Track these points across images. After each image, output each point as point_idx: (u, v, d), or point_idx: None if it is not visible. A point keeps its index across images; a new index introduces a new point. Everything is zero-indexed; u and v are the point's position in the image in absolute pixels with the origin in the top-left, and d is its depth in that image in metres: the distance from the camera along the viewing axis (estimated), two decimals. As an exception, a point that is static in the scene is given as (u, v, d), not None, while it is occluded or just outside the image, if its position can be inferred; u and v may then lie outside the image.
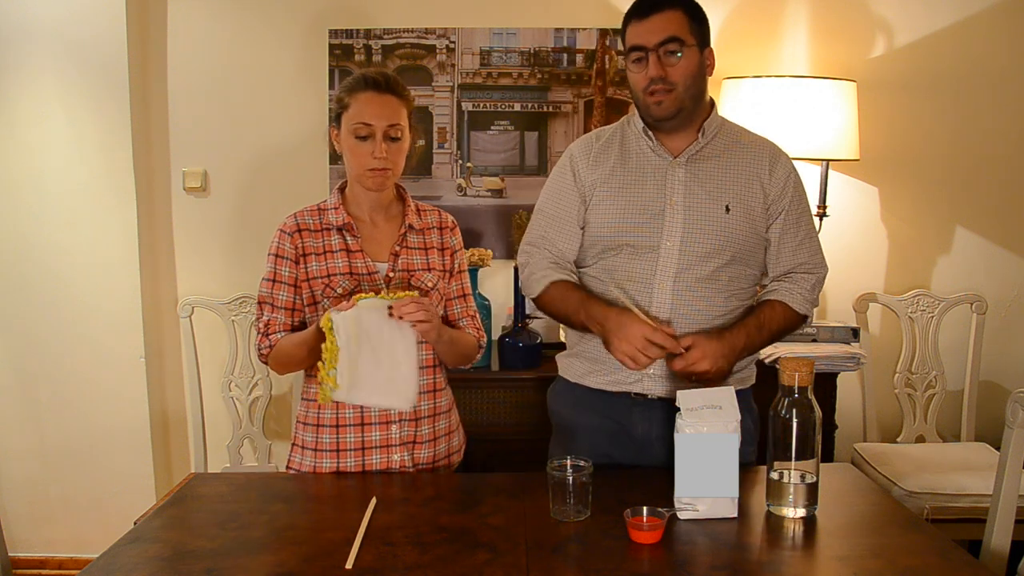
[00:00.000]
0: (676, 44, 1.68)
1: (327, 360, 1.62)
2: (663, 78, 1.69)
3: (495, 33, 2.89)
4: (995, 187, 2.97)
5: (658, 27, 1.68)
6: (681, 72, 1.70)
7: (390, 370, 1.68)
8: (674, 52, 1.68)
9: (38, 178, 2.77)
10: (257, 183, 2.95)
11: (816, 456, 1.51)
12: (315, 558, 1.37)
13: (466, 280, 1.93)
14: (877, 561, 1.36)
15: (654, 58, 1.69)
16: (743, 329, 1.74)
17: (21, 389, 2.86)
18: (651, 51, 1.69)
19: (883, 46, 2.90)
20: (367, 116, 1.74)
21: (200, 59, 2.89)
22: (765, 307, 1.81)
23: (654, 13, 1.69)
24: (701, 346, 1.66)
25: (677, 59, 1.69)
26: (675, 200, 1.76)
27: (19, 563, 2.91)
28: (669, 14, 1.68)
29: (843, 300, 2.95)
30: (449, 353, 1.85)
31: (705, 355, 1.65)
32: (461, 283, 1.91)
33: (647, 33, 1.69)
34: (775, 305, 1.81)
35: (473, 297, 1.96)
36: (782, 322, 1.81)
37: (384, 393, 1.69)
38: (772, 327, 1.79)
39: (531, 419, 2.52)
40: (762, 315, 1.79)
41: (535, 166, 2.92)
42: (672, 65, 1.69)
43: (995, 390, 2.97)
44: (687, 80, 1.71)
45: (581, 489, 1.51)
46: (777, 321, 1.80)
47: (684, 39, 1.68)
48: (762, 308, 1.81)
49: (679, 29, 1.68)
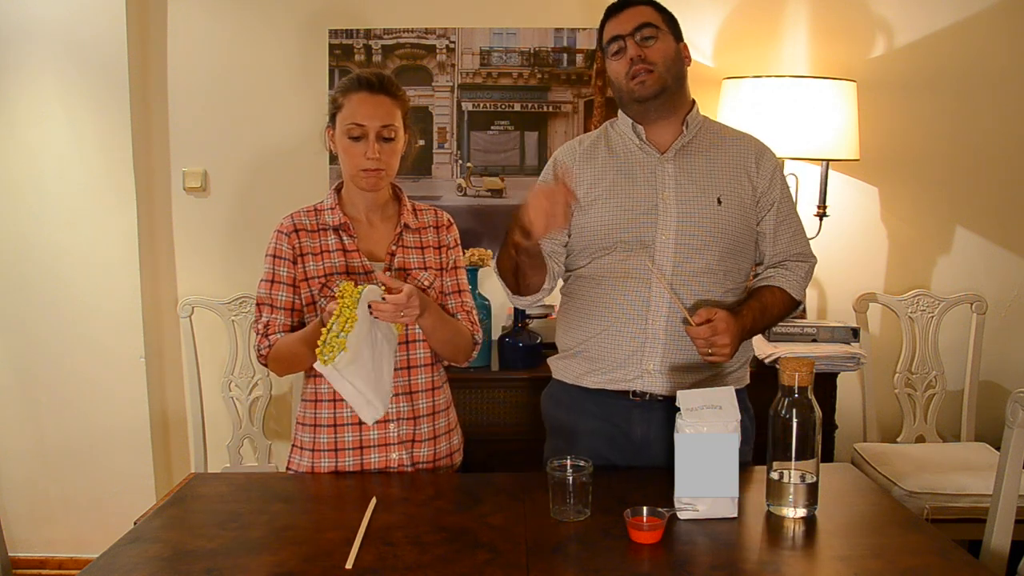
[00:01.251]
0: (651, 29, 1.77)
1: (339, 324, 1.58)
2: (643, 58, 1.75)
3: (495, 33, 2.89)
4: (995, 187, 2.97)
5: (632, 16, 1.78)
6: (660, 53, 1.76)
7: (377, 368, 1.67)
8: (650, 36, 1.76)
9: (38, 178, 2.77)
10: (257, 183, 2.95)
11: (816, 456, 1.51)
12: (315, 558, 1.37)
13: (461, 276, 1.91)
14: (877, 561, 1.36)
15: (631, 42, 1.76)
16: (749, 312, 1.75)
17: (21, 389, 2.86)
18: (627, 37, 1.76)
19: (883, 46, 2.90)
20: (360, 117, 1.75)
21: (200, 59, 2.89)
22: (765, 291, 1.83)
23: (626, 8, 1.79)
24: (725, 319, 1.66)
25: (653, 42, 1.76)
26: (667, 195, 1.77)
27: (19, 563, 2.91)
28: (640, 8, 1.79)
29: (843, 300, 2.95)
30: (446, 343, 1.83)
31: (728, 328, 1.66)
32: (456, 279, 1.90)
33: (622, 23, 1.78)
34: (774, 290, 1.83)
35: (471, 295, 1.95)
36: (781, 307, 1.84)
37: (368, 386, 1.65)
38: (773, 311, 1.82)
39: (531, 419, 2.52)
40: (764, 298, 1.81)
41: (535, 166, 2.92)
42: (649, 47, 1.76)
43: (995, 390, 2.97)
44: (667, 60, 1.77)
45: (581, 489, 1.51)
46: (777, 305, 1.83)
47: (658, 25, 1.78)
48: (763, 292, 1.82)
49: (651, 17, 1.78)
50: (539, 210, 1.56)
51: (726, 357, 1.68)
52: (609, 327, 1.78)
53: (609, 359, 1.79)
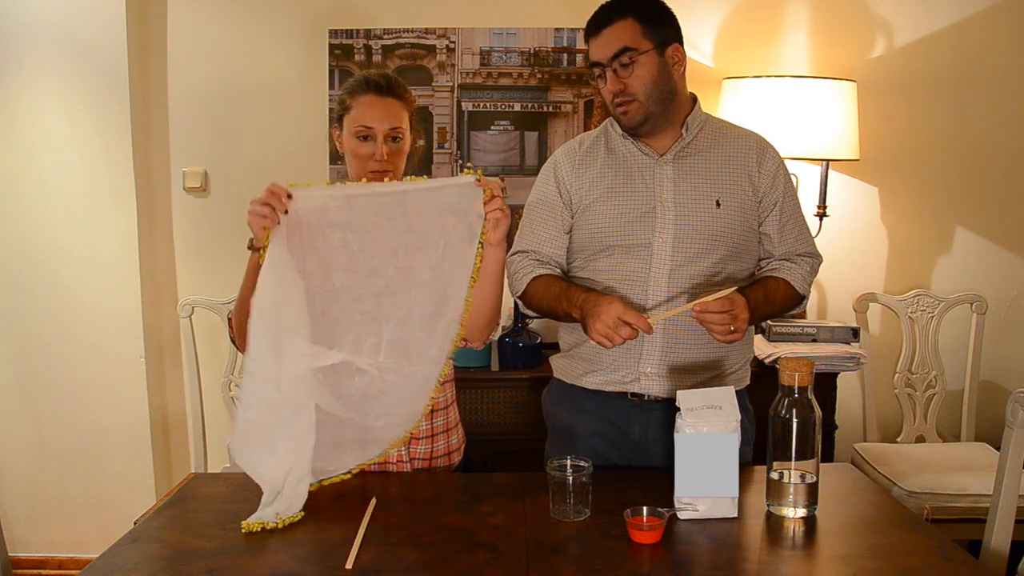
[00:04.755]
0: (628, 55, 1.69)
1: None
2: (622, 91, 1.71)
3: (495, 33, 2.89)
4: (995, 187, 2.97)
5: (609, 40, 1.70)
6: (639, 81, 1.70)
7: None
8: (627, 64, 1.69)
9: (38, 178, 2.77)
10: (257, 183, 2.88)
11: (816, 456, 1.51)
12: (315, 558, 1.37)
13: None
14: (877, 561, 1.36)
15: (610, 73, 1.71)
16: (752, 295, 1.70)
17: (21, 389, 2.86)
18: (606, 66, 1.71)
19: (883, 46, 2.90)
20: (368, 119, 1.75)
21: (200, 59, 2.89)
22: (770, 281, 1.79)
23: (603, 28, 1.70)
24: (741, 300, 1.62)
25: (631, 71, 1.69)
26: (665, 198, 1.76)
27: (19, 563, 2.91)
28: (619, 26, 1.69)
29: (843, 300, 2.95)
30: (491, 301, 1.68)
31: (744, 303, 1.62)
32: None
33: (600, 48, 1.71)
34: (779, 281, 1.80)
35: None
36: (784, 299, 1.80)
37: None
38: (776, 300, 1.78)
39: (531, 419, 2.52)
40: (768, 286, 1.77)
41: (535, 166, 2.92)
42: (628, 76, 1.70)
43: (995, 390, 2.97)
44: (647, 88, 1.71)
45: (581, 489, 1.51)
46: (781, 296, 1.79)
47: (637, 47, 1.69)
48: (767, 281, 1.79)
49: (630, 38, 1.69)
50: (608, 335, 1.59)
51: (742, 333, 1.64)
52: None
53: (607, 361, 1.79)
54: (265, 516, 1.47)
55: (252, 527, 1.45)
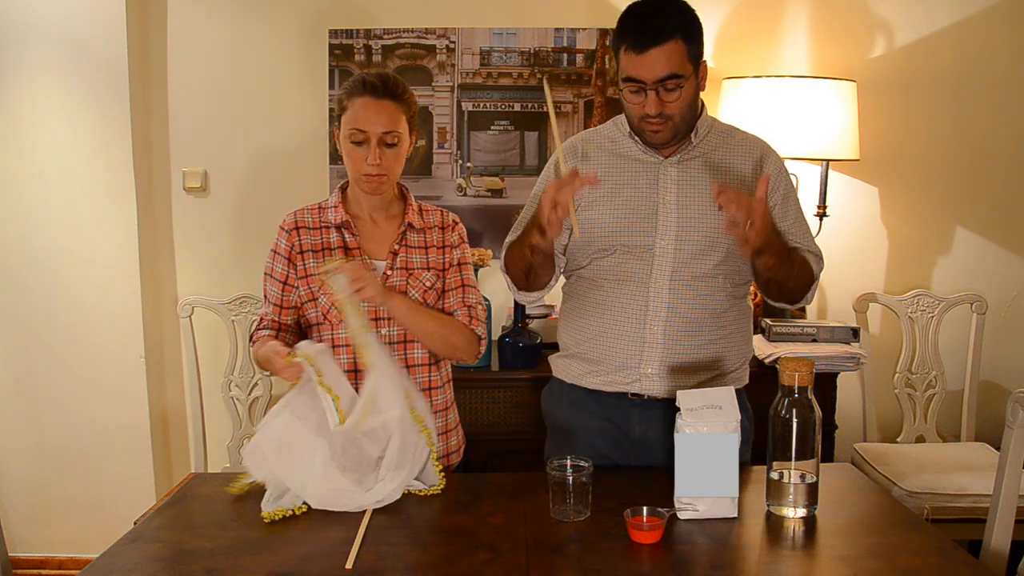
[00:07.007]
0: (676, 80, 1.63)
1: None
2: (661, 113, 1.67)
3: (495, 33, 2.89)
4: (995, 187, 2.97)
5: (657, 63, 1.62)
6: (679, 105, 1.67)
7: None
8: (672, 89, 1.64)
9: (38, 178, 2.77)
10: (257, 183, 2.95)
11: (816, 456, 1.51)
12: (315, 558, 1.37)
13: (466, 272, 1.89)
14: (877, 561, 1.36)
15: (652, 95, 1.65)
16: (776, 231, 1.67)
17: (21, 389, 2.86)
18: (649, 88, 1.65)
19: (883, 46, 2.90)
20: (362, 122, 1.74)
21: (200, 59, 2.89)
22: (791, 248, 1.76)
23: (651, 47, 1.61)
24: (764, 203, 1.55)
25: (677, 93, 1.65)
26: (668, 199, 1.76)
27: (19, 563, 2.91)
28: (668, 48, 1.61)
29: (843, 300, 2.95)
30: (432, 335, 1.80)
31: (767, 212, 1.56)
32: (460, 275, 1.88)
33: (646, 69, 1.62)
34: (799, 250, 1.77)
35: (478, 292, 1.91)
36: (802, 264, 1.75)
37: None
38: (796, 259, 1.73)
39: (531, 419, 2.52)
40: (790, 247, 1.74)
41: (535, 166, 2.92)
42: (671, 100, 1.66)
43: (995, 390, 2.97)
44: (684, 111, 1.69)
45: (581, 489, 1.51)
46: (799, 260, 1.75)
47: (683, 72, 1.64)
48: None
49: (679, 63, 1.63)
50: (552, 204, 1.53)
51: (756, 238, 1.54)
52: (607, 330, 1.78)
53: (607, 361, 1.79)
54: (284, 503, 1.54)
55: (275, 515, 1.51)
